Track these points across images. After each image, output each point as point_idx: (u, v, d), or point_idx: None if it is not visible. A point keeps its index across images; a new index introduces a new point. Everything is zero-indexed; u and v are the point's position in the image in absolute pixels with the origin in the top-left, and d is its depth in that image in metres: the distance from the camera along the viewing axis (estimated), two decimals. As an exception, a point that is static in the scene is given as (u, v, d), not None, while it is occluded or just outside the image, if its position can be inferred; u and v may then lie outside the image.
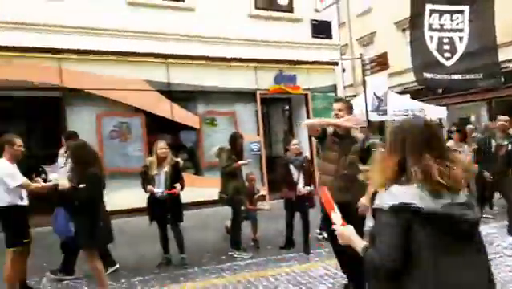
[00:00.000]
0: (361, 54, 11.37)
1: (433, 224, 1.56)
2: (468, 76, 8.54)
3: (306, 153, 6.16)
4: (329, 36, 11.20)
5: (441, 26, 8.62)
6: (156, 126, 9.10)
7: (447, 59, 8.64)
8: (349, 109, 3.85)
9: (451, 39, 8.64)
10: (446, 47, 8.63)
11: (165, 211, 5.22)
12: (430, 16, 8.56)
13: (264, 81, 10.26)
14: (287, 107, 11.98)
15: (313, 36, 10.95)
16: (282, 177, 5.79)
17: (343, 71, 11.59)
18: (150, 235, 5.71)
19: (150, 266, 5.23)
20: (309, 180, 5.73)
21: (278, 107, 12.59)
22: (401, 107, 12.02)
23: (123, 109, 8.93)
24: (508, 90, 12.51)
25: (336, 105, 3.88)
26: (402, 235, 1.59)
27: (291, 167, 5.69)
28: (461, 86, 9.45)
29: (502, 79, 9.38)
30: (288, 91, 10.56)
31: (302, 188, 5.63)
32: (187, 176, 5.63)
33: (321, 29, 11.03)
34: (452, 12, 8.59)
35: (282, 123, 12.60)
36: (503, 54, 9.07)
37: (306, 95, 10.81)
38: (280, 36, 10.39)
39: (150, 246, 5.78)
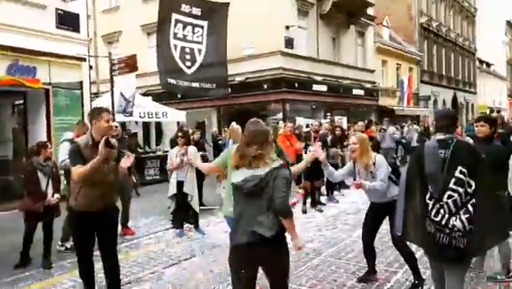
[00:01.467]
0: (110, 53, 11.19)
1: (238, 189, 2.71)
2: (204, 85, 9.81)
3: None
4: (76, 29, 10.47)
5: (185, 36, 9.48)
6: None
7: (188, 67, 9.64)
8: None
9: (192, 50, 9.66)
10: (188, 57, 9.60)
11: None
12: (175, 26, 9.22)
13: (-6, 70, 8.62)
14: (21, 102, 10.47)
15: (57, 27, 10.01)
16: (25, 185, 5.01)
17: (91, 68, 11.07)
18: None
19: None
20: (57, 186, 5.24)
21: (9, 102, 10.83)
22: (146, 110, 12.56)
23: None
24: (233, 99, 15.11)
25: (109, 116, 3.63)
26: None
27: (40, 174, 5.00)
28: (198, 93, 10.67)
29: (229, 90, 11.32)
30: (24, 84, 9.25)
31: (51, 198, 5.04)
32: None
33: (67, 20, 10.18)
34: (194, 25, 9.55)
35: (14, 120, 10.92)
36: (230, 69, 10.89)
37: (47, 90, 9.74)
38: (19, 21, 8.98)
39: None
